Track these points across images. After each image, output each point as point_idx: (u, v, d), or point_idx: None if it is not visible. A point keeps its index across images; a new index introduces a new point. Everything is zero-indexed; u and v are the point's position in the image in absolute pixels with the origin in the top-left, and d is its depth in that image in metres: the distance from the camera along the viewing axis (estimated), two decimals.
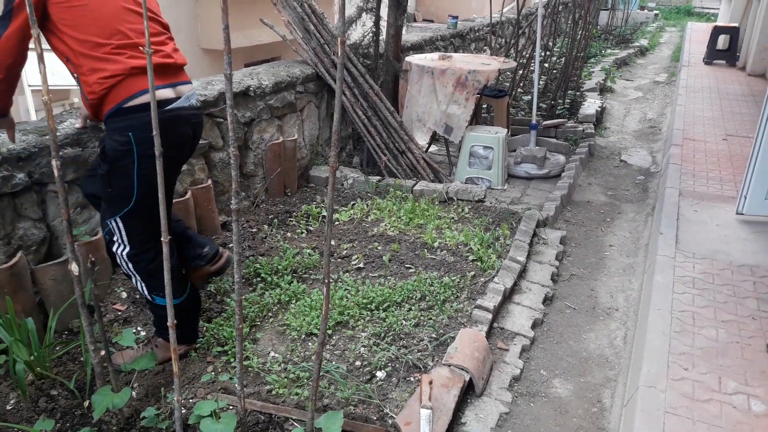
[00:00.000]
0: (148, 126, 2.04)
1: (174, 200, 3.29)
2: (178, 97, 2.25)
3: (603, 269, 3.70)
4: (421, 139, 5.37)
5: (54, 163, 2.01)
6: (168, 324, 1.87)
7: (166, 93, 2.19)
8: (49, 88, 1.99)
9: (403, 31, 5.82)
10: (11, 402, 2.30)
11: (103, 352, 2.24)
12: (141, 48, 2.15)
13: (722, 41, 9.91)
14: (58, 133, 2.74)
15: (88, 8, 2.08)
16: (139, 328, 2.81)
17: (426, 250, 3.57)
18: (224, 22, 1.72)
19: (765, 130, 3.75)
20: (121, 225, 2.24)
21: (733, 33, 9.85)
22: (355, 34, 5.60)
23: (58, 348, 2.55)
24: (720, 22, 11.28)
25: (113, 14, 2.12)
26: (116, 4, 2.15)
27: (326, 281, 1.91)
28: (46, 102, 2.00)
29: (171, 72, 2.27)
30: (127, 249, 2.28)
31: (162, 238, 1.85)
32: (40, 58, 1.84)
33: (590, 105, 7.06)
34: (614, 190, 5.00)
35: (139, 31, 2.17)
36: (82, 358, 2.51)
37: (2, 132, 2.51)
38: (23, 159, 2.56)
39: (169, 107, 2.20)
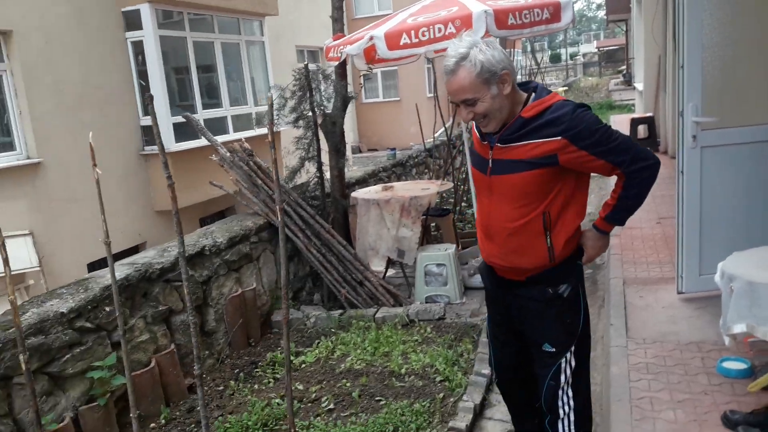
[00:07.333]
0: None
1: (138, 371, 3.35)
2: None
3: None
4: (378, 266, 5.59)
5: (21, 357, 2.12)
6: None
7: None
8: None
9: (346, 170, 6.24)
10: None
11: None
12: None
13: (642, 130, 10.75)
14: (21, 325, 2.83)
15: None
16: None
17: (394, 379, 3.64)
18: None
19: (684, 209, 4.09)
20: None
21: (650, 122, 10.74)
22: (302, 179, 5.97)
23: None
24: (636, 114, 12.29)
25: None
26: None
27: None
28: (12, 301, 2.15)
29: None
30: None
31: None
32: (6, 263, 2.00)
33: None
34: None
35: None
36: None
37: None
38: None
39: None
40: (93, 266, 7.05)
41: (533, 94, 2.15)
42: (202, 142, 8.11)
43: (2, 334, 2.77)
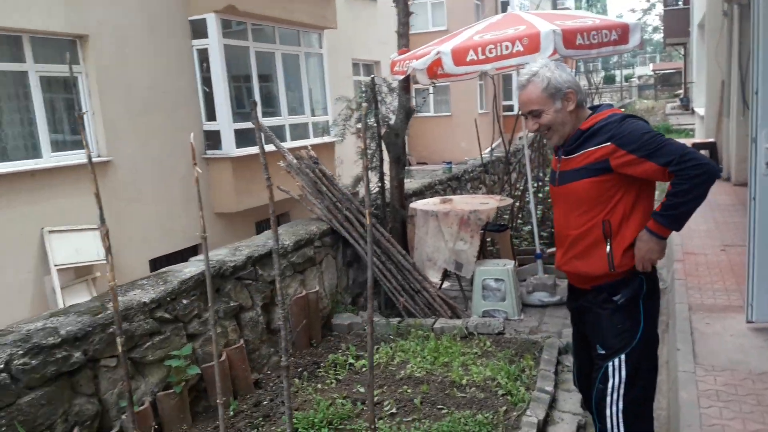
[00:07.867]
0: None
1: (210, 363, 3.47)
2: None
3: None
4: (434, 277, 5.63)
5: (118, 339, 2.24)
6: None
7: None
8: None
9: (405, 181, 6.31)
10: None
11: None
12: None
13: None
14: (107, 312, 2.98)
15: None
16: None
17: (455, 389, 3.66)
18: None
19: (755, 237, 4.01)
20: None
21: (712, 147, 10.50)
22: (363, 188, 6.08)
23: None
24: (697, 139, 12.03)
25: None
26: None
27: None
28: (113, 287, 2.28)
29: None
30: None
31: None
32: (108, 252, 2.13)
33: None
34: None
35: None
36: None
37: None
38: (80, 339, 2.79)
39: None
40: (155, 262, 7.30)
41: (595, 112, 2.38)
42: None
43: (91, 319, 2.92)
